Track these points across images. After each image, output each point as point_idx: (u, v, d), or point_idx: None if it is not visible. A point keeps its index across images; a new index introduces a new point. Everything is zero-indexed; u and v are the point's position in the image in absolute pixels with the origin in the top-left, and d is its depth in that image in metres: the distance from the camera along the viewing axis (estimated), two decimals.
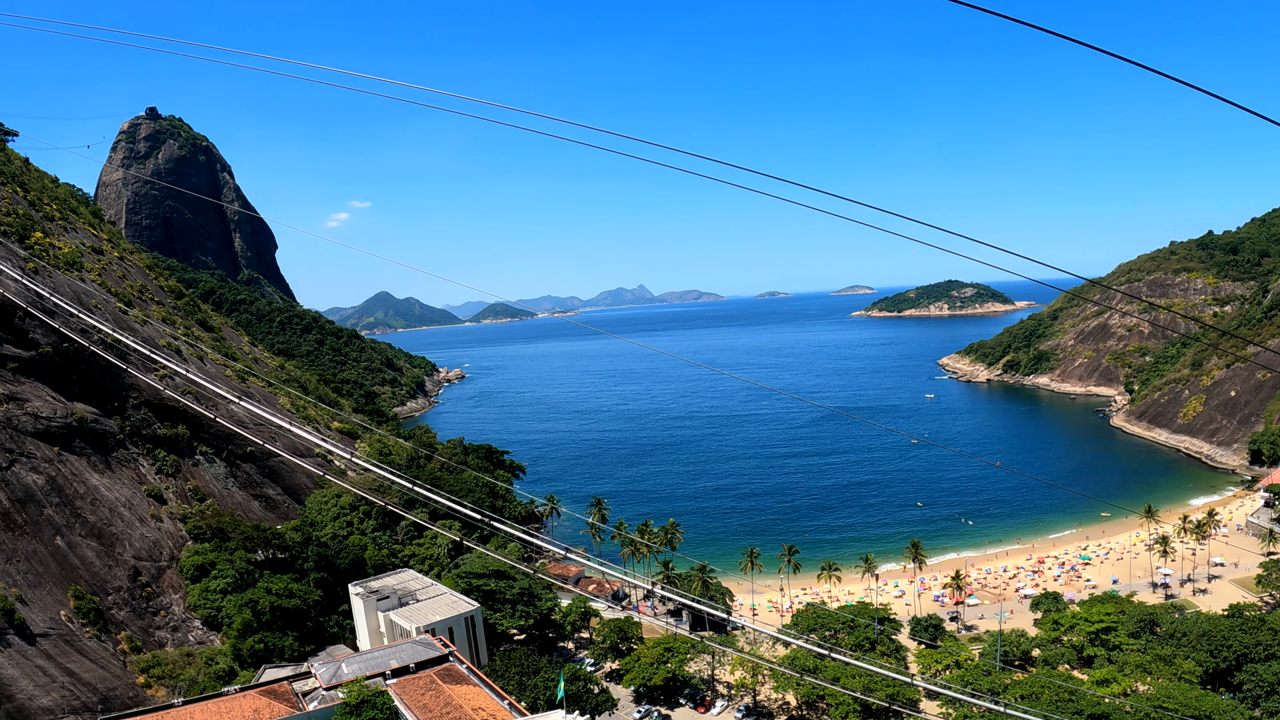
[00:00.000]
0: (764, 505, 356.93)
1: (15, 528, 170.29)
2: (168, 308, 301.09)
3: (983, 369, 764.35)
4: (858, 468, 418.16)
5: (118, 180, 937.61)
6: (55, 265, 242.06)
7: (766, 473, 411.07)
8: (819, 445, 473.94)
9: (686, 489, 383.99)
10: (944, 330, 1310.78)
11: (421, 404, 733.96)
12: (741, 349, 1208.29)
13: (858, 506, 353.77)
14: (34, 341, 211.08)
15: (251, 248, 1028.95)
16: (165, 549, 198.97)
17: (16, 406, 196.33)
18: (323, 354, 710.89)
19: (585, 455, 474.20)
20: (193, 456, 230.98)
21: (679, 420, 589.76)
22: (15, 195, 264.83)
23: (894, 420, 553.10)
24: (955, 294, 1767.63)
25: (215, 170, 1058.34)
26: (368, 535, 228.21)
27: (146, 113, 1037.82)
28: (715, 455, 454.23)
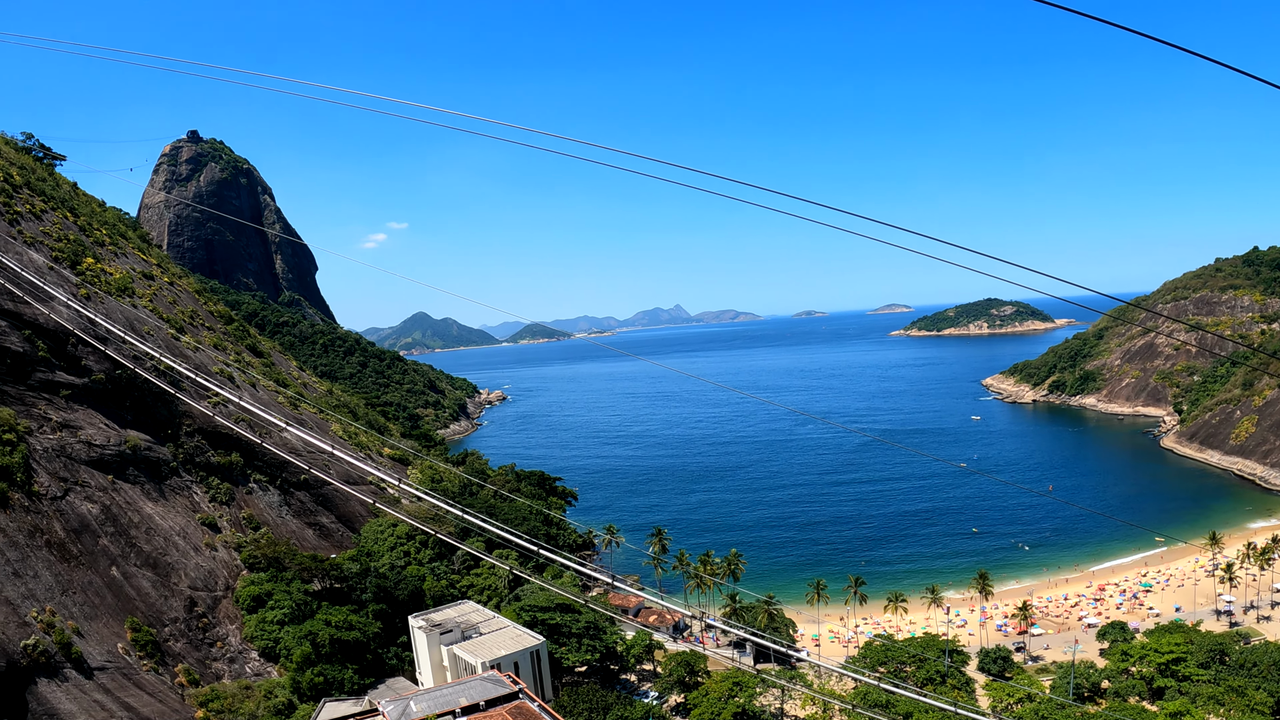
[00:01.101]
0: (821, 536, 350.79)
1: (71, 558, 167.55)
2: (218, 333, 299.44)
3: (1028, 389, 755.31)
4: (910, 495, 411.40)
5: (160, 202, 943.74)
6: (107, 291, 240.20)
7: (820, 501, 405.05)
8: (870, 472, 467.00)
9: (742, 518, 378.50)
10: (984, 349, 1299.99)
11: (464, 427, 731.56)
12: (782, 370, 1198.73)
13: (914, 536, 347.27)
14: (87, 368, 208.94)
15: (292, 269, 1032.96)
16: (220, 579, 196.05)
17: (70, 434, 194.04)
18: (365, 376, 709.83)
19: (633, 482, 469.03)
20: (246, 484, 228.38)
21: (725, 445, 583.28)
22: (66, 220, 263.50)
23: (941, 443, 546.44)
24: (994, 312, 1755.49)
25: (256, 192, 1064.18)
26: (425, 565, 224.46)
27: (188, 136, 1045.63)
28: (766, 483, 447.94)
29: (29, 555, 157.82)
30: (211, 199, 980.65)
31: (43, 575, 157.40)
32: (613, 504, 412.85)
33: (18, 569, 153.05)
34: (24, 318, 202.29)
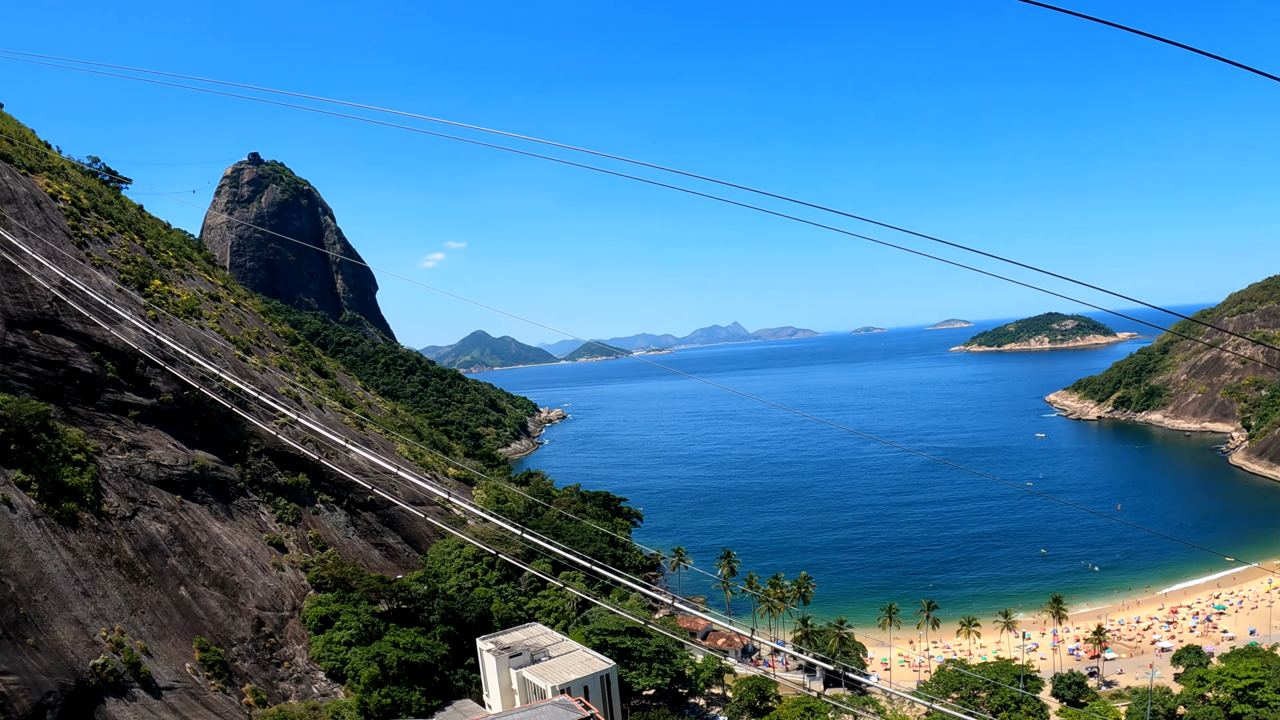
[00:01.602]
0: (889, 559, 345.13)
1: (140, 578, 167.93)
2: (284, 354, 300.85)
3: (1092, 406, 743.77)
4: (978, 516, 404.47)
5: (222, 223, 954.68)
6: (174, 313, 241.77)
7: (887, 522, 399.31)
8: (936, 492, 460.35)
9: (809, 541, 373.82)
10: (1046, 365, 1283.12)
11: (525, 445, 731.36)
12: (843, 388, 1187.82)
13: (983, 559, 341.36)
14: (155, 389, 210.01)
15: (353, 289, 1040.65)
16: (287, 599, 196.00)
17: (139, 455, 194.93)
18: (427, 395, 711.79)
19: (698, 503, 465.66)
20: (313, 505, 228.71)
21: (789, 465, 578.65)
22: (133, 243, 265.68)
23: (1007, 462, 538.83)
24: (1055, 327, 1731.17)
25: (317, 213, 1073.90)
26: (492, 587, 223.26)
27: (249, 158, 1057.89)
28: (832, 504, 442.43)
29: (98, 575, 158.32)
30: (273, 220, 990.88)
31: (112, 595, 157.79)
32: (677, 525, 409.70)
33: (87, 588, 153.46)
34: (93, 339, 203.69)
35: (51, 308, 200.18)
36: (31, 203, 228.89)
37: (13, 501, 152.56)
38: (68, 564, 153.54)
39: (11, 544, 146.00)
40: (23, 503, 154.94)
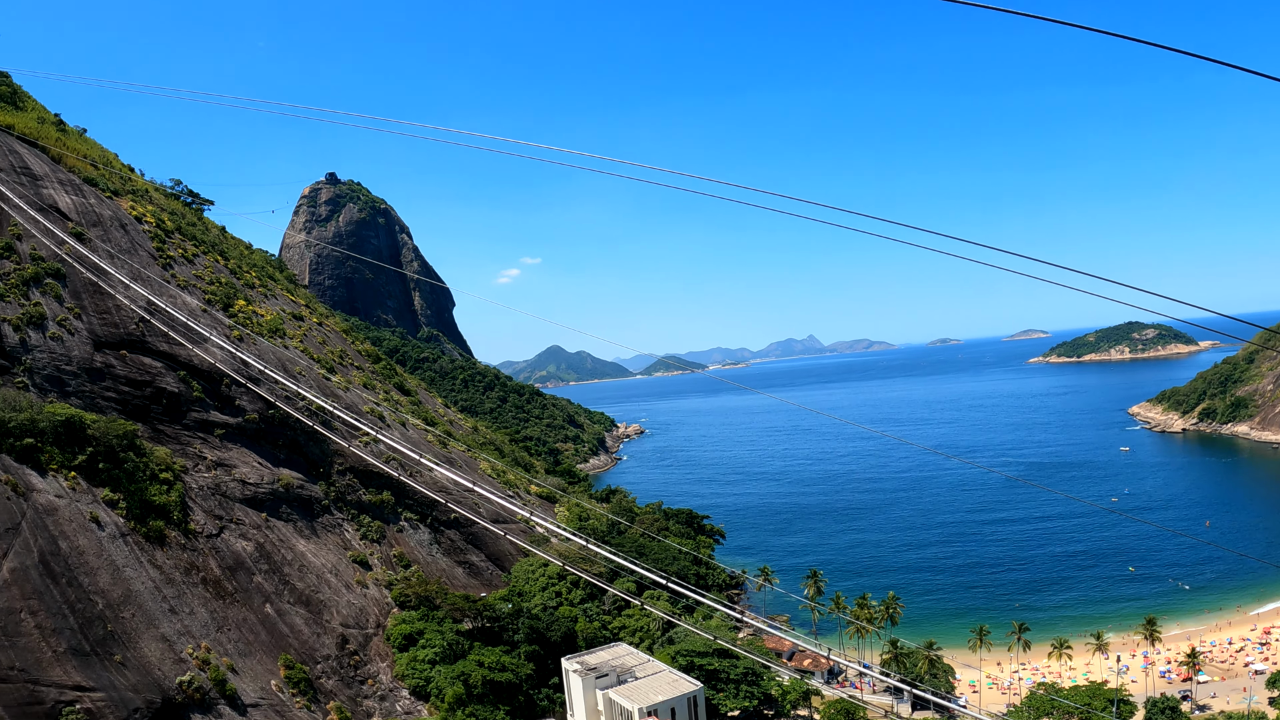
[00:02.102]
0: (974, 579, 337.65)
1: (226, 595, 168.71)
2: (366, 372, 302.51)
3: (1176, 418, 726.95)
4: (1063, 534, 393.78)
5: (300, 242, 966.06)
6: (259, 332, 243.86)
7: (971, 541, 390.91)
8: (1021, 510, 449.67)
9: (894, 560, 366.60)
10: (1127, 376, 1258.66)
11: (604, 461, 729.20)
12: (920, 402, 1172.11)
13: (1071, 580, 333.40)
14: (240, 408, 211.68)
15: (430, 305, 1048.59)
16: (371, 616, 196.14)
17: (225, 473, 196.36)
18: (505, 411, 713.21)
19: (779, 520, 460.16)
20: (397, 522, 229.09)
21: (870, 482, 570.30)
22: (217, 264, 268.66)
23: (1091, 477, 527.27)
24: (1136, 336, 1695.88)
25: (394, 231, 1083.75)
26: (577, 606, 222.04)
27: (326, 178, 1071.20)
28: (916, 522, 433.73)
29: (185, 592, 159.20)
30: (350, 238, 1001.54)
31: (198, 612, 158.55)
32: (759, 543, 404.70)
33: (174, 606, 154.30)
34: (179, 359, 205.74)
35: (138, 328, 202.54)
36: (117, 225, 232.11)
37: (101, 520, 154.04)
38: (155, 581, 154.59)
39: (99, 562, 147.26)
40: (111, 521, 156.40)
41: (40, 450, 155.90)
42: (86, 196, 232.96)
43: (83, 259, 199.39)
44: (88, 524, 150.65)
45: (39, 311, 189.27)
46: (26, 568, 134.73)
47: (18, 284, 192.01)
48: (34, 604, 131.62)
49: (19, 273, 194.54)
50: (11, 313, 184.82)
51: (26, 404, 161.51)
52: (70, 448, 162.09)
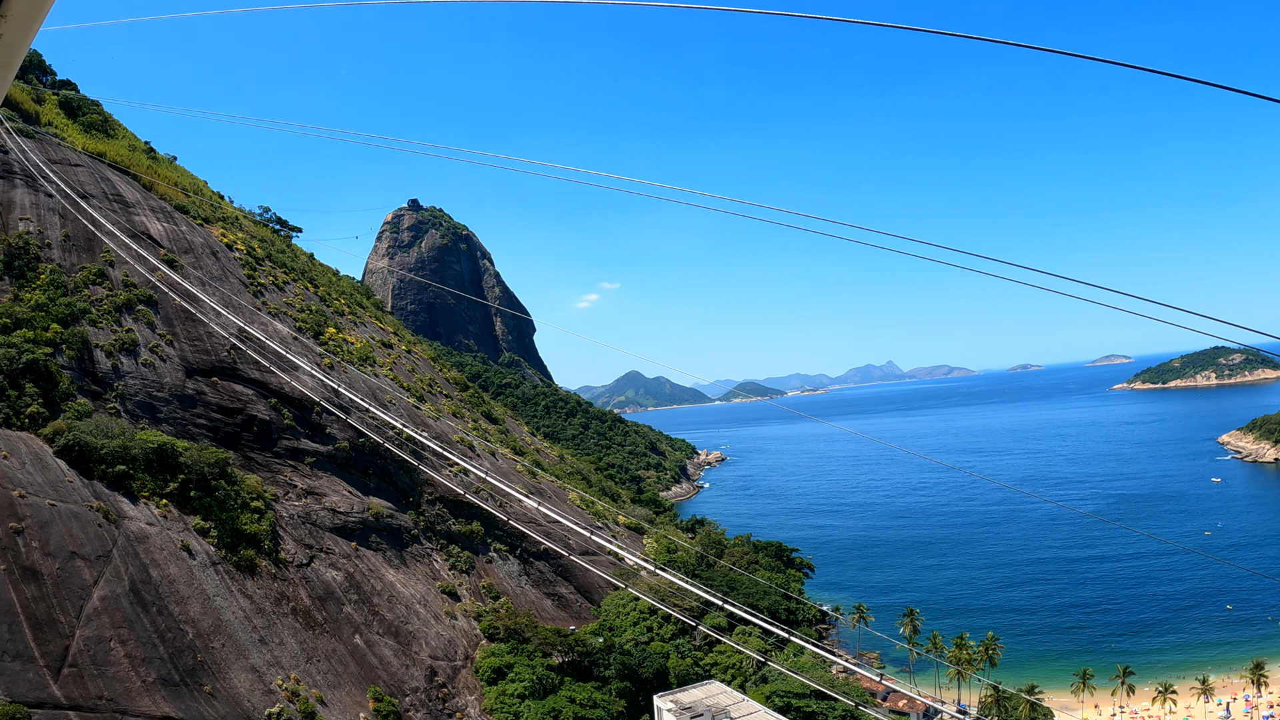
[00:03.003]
0: (1072, 620, 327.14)
1: (315, 626, 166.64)
2: (455, 400, 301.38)
3: (1269, 447, 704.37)
4: (1161, 574, 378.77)
5: (383, 268, 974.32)
6: (349, 360, 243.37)
7: (1064, 579, 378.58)
8: (1114, 547, 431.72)
9: (988, 600, 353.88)
10: (1214, 402, 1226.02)
11: (686, 489, 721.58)
12: (1003, 431, 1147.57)
13: (1170, 622, 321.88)
14: (330, 436, 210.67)
15: (511, 330, 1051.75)
16: (460, 648, 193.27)
17: (315, 501, 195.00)
18: (587, 438, 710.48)
19: (864, 555, 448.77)
20: (486, 553, 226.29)
21: (956, 515, 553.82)
22: (307, 291, 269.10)
23: (1184, 510, 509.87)
24: (1222, 361, 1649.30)
25: (476, 257, 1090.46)
26: (668, 642, 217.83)
27: (409, 204, 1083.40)
28: (1005, 560, 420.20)
29: (275, 622, 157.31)
30: (433, 264, 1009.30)
31: (288, 643, 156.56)
32: (847, 579, 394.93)
33: (264, 636, 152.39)
34: (270, 386, 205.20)
35: (229, 355, 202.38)
36: (208, 252, 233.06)
37: (192, 548, 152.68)
38: (245, 611, 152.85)
39: (190, 591, 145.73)
40: (202, 549, 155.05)
41: (132, 477, 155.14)
42: (177, 223, 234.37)
43: (174, 286, 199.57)
44: (178, 552, 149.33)
45: (131, 338, 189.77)
46: (117, 596, 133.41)
47: (110, 310, 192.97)
48: (124, 632, 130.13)
49: (111, 299, 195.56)
50: (104, 339, 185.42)
51: (119, 431, 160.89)
52: (162, 475, 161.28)
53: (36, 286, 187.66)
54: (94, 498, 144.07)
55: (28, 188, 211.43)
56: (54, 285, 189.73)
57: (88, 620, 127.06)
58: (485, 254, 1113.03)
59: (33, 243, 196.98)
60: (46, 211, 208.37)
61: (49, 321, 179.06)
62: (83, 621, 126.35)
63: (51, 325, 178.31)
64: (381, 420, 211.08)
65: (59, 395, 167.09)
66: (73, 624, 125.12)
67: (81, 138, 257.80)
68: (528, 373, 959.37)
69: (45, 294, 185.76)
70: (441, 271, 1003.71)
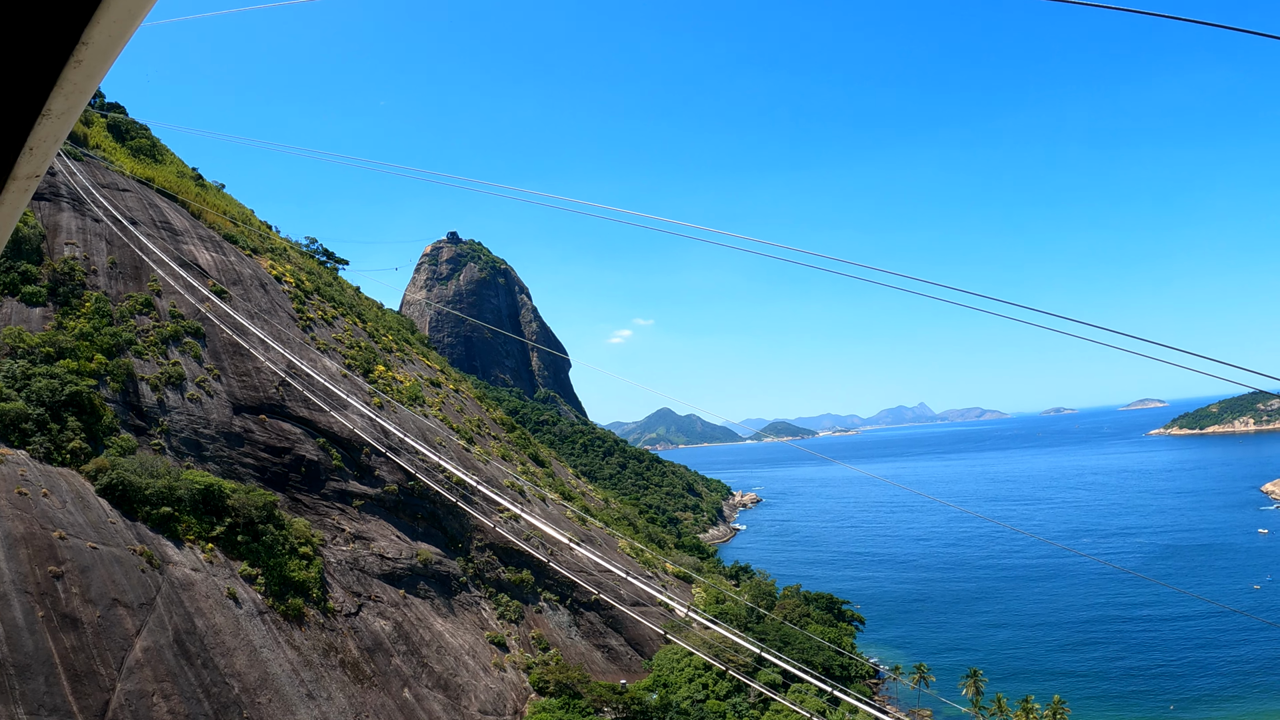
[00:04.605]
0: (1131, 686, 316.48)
1: (364, 679, 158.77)
2: (503, 442, 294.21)
3: None
4: (1217, 638, 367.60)
5: (421, 300, 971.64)
6: (399, 400, 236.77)
7: (1120, 642, 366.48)
8: (1162, 608, 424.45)
9: (1044, 662, 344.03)
10: (1254, 449, 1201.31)
11: (723, 532, 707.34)
12: (1041, 477, 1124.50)
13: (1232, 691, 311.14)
14: (379, 479, 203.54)
15: (548, 366, 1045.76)
16: (509, 701, 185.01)
17: (363, 546, 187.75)
18: (625, 478, 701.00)
19: (911, 607, 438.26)
20: (536, 603, 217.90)
21: (998, 570, 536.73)
22: (356, 327, 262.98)
23: (1230, 563, 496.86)
24: (1261, 407, 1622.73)
25: (514, 292, 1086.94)
26: (724, 700, 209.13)
27: (448, 237, 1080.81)
28: (1054, 620, 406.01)
29: (323, 675, 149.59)
30: (471, 297, 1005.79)
31: (336, 697, 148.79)
32: (897, 635, 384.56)
33: (312, 690, 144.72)
34: (318, 425, 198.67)
35: (278, 392, 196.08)
36: (257, 284, 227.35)
37: (239, 596, 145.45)
38: (293, 664, 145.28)
39: (236, 642, 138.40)
40: (249, 598, 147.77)
41: (177, 520, 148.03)
42: (226, 254, 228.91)
43: (224, 318, 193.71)
44: (225, 600, 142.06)
45: (178, 371, 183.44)
46: (160, 647, 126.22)
47: (157, 341, 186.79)
48: (167, 686, 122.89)
49: (158, 330, 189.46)
50: (150, 371, 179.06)
51: (164, 469, 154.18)
52: (208, 518, 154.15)
53: (81, 315, 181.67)
54: (137, 540, 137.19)
55: (74, 212, 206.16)
56: (99, 314, 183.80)
57: (129, 673, 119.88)
58: (523, 288, 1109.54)
59: (78, 269, 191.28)
60: (93, 237, 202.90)
61: (93, 352, 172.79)
62: (124, 674, 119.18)
63: (96, 356, 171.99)
64: (432, 463, 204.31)
65: (102, 430, 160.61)
66: (114, 676, 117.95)
67: (130, 162, 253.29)
68: (563, 409, 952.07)
69: (90, 323, 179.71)
70: (479, 305, 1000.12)
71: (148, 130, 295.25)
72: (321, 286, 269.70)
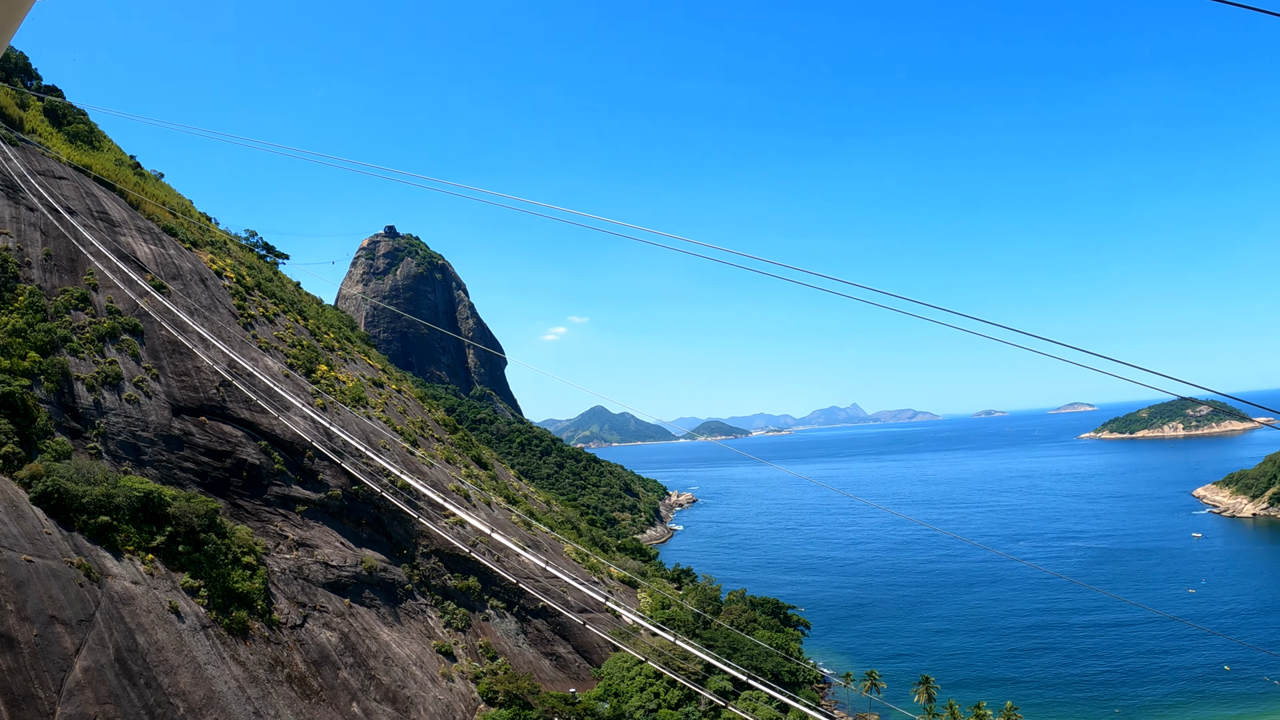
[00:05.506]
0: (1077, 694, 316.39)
1: (312, 694, 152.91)
2: (446, 444, 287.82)
3: (1246, 502, 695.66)
4: (1152, 636, 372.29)
5: (357, 294, 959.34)
6: (343, 401, 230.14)
7: (1066, 650, 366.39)
8: (1106, 615, 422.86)
9: (996, 671, 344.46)
10: (1184, 454, 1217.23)
11: (661, 532, 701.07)
12: (975, 479, 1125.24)
13: (1164, 683, 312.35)
14: (323, 483, 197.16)
15: (484, 363, 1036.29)
16: (458, 712, 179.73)
17: (307, 554, 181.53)
18: (562, 477, 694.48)
19: (854, 612, 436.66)
20: (483, 610, 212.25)
21: (938, 575, 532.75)
22: (297, 324, 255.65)
23: (1165, 567, 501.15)
24: (1190, 413, 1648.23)
25: (451, 287, 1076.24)
26: (676, 711, 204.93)
27: (385, 230, 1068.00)
28: (996, 626, 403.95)
29: (270, 692, 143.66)
30: (408, 293, 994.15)
31: (284, 715, 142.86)
32: (842, 642, 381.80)
33: (259, 708, 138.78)
34: (260, 428, 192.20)
35: (219, 393, 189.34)
36: (197, 280, 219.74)
37: (181, 610, 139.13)
38: (239, 680, 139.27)
39: (180, 659, 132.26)
40: (191, 611, 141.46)
41: (116, 529, 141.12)
42: (165, 247, 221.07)
43: (163, 314, 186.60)
44: (167, 615, 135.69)
45: (115, 371, 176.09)
46: (102, 666, 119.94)
47: (93, 339, 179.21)
48: (109, 709, 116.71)
49: (95, 326, 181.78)
50: (86, 370, 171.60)
51: (101, 476, 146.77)
52: (148, 527, 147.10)
53: (14, 309, 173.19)
54: (74, 552, 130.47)
55: (7, 199, 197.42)
56: (33, 309, 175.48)
57: (70, 695, 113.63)
58: (460, 284, 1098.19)
59: (11, 260, 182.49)
60: (28, 227, 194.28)
61: (26, 349, 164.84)
62: (64, 697, 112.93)
63: (29, 353, 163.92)
64: (377, 466, 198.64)
65: (36, 433, 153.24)
66: (53, 700, 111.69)
67: (66, 148, 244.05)
68: (499, 407, 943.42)
69: (23, 318, 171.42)
70: (416, 300, 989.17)
71: (85, 115, 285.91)
72: (262, 282, 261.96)
